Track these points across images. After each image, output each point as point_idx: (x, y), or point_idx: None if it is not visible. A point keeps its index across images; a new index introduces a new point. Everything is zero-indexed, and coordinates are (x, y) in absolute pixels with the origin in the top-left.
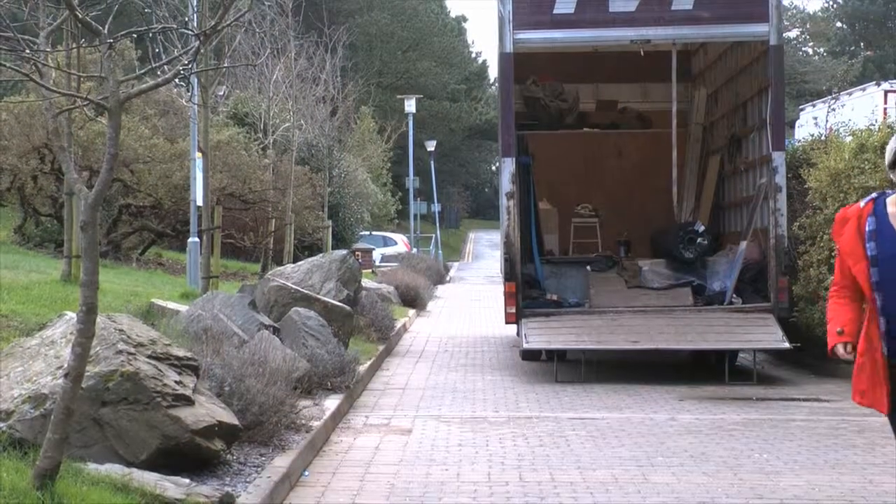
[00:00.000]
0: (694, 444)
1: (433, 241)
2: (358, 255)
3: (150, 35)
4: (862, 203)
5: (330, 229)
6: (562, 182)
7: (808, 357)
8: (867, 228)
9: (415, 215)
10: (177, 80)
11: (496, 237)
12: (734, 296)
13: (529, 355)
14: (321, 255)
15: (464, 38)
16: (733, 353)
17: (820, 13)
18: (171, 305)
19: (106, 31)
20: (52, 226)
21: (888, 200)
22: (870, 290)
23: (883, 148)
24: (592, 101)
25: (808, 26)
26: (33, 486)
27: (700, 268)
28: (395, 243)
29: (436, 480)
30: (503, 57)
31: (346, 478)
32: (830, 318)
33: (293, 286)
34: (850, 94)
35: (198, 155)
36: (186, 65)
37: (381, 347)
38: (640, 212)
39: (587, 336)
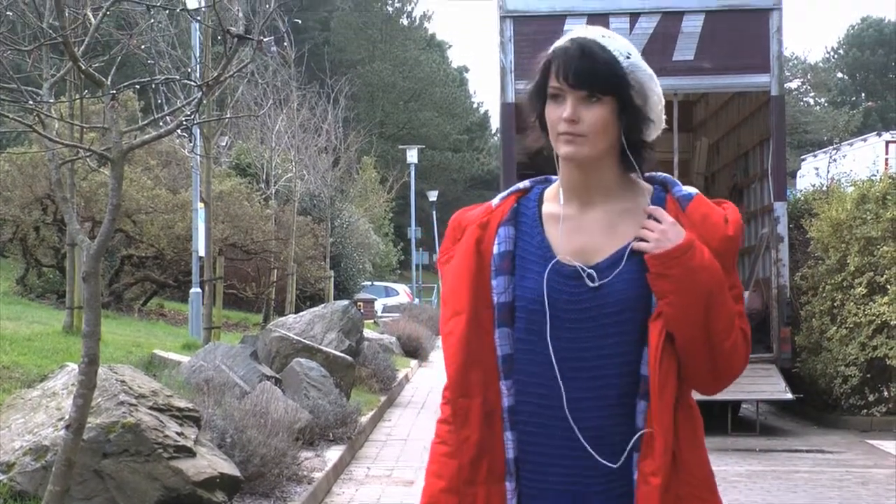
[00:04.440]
0: None
1: (435, 291)
2: (360, 306)
3: (153, 86)
4: (496, 201)
5: (332, 279)
6: None
7: (811, 408)
8: (496, 249)
9: (417, 265)
10: (179, 131)
11: None
12: None
13: None
14: (323, 305)
15: (465, 88)
16: (736, 404)
17: (821, 64)
18: (173, 356)
19: (109, 82)
20: (55, 276)
21: (546, 193)
22: (481, 367)
23: (885, 199)
24: None
25: (809, 77)
26: None
27: None
28: (397, 293)
29: None
30: (505, 107)
31: None
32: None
33: (295, 337)
34: (851, 144)
35: (200, 205)
36: (189, 115)
37: (382, 398)
38: None
39: None
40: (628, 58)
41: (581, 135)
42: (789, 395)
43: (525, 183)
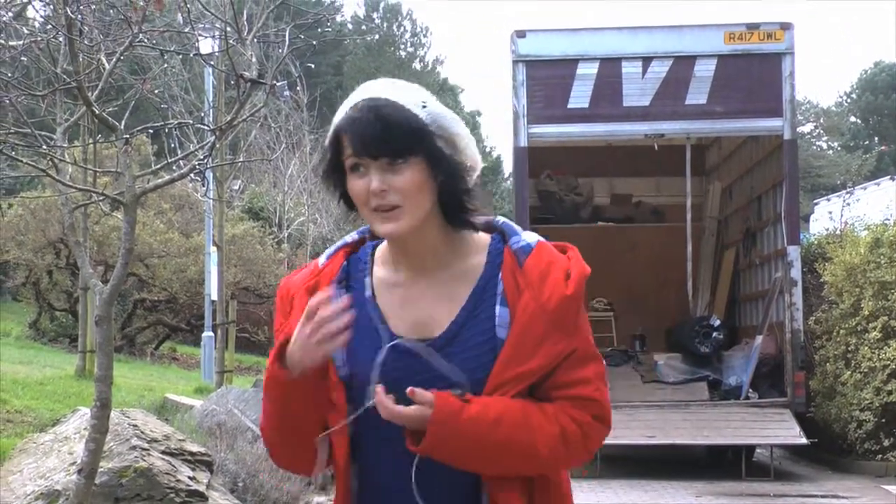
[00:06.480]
0: None
1: None
2: None
3: (167, 130)
4: (323, 259)
5: None
6: None
7: (825, 453)
8: None
9: None
10: (192, 175)
11: None
12: (750, 390)
13: None
14: None
15: (478, 132)
16: (750, 449)
17: (834, 108)
18: (186, 400)
19: (122, 127)
20: (67, 320)
21: (379, 252)
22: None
23: None
24: (607, 195)
25: (822, 121)
26: None
27: (716, 362)
28: None
29: None
30: (517, 151)
31: None
32: None
33: None
34: (864, 188)
35: (213, 249)
36: (202, 160)
37: None
38: (655, 306)
39: None
40: (424, 107)
41: (396, 206)
42: (804, 440)
43: (353, 235)
